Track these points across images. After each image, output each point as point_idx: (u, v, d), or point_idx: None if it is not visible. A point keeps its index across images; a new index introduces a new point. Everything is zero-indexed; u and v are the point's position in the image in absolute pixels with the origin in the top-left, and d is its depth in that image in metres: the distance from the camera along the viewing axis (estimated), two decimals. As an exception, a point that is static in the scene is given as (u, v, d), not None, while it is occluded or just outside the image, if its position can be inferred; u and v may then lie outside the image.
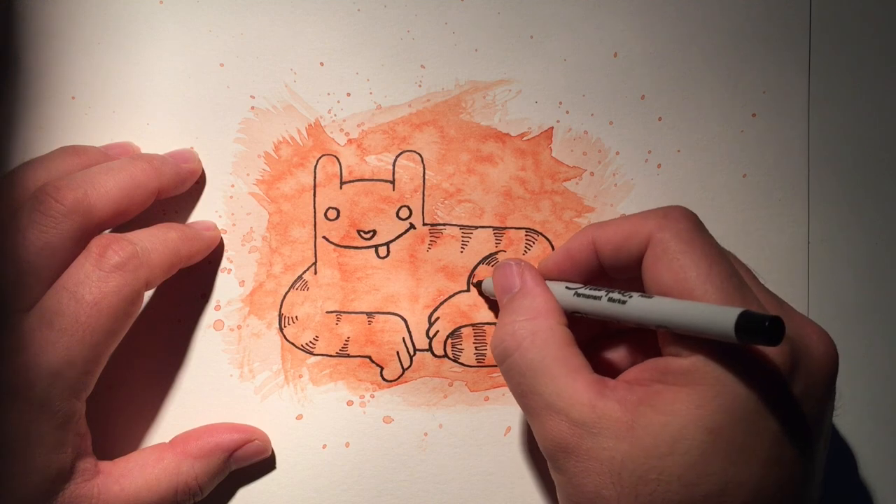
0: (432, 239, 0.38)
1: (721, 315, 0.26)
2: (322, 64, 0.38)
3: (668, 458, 0.28)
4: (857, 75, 0.39)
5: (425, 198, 0.38)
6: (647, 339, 0.34)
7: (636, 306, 0.30)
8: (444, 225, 0.38)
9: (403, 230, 0.38)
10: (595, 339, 0.35)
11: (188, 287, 0.38)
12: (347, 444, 0.38)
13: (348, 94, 0.38)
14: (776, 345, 0.26)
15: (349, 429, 0.38)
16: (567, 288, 0.33)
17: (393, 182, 0.38)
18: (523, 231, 0.38)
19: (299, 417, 0.38)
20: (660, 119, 0.38)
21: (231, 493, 0.37)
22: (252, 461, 0.37)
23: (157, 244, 0.34)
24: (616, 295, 0.30)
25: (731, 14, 0.38)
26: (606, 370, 0.33)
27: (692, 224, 0.31)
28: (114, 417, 0.37)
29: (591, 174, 0.38)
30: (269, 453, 0.37)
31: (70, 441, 0.32)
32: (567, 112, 0.38)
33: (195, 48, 0.38)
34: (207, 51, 0.38)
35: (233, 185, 0.38)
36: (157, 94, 0.38)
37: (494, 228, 0.38)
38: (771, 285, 0.38)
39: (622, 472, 0.28)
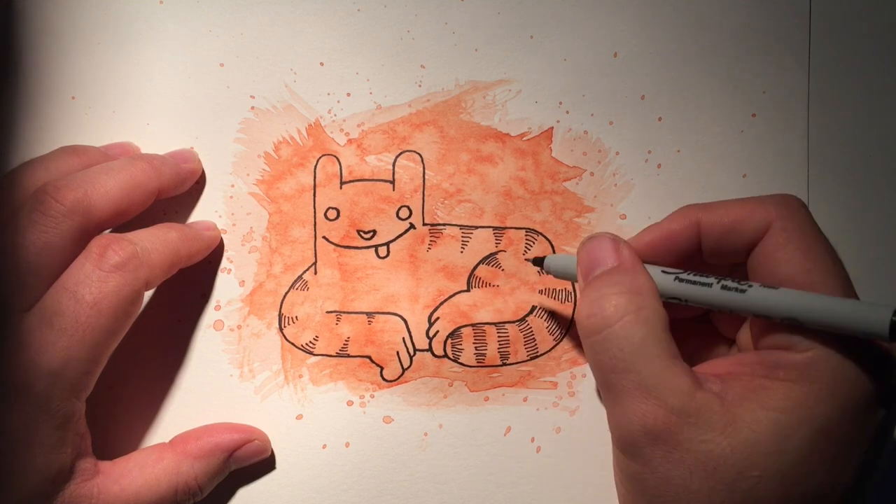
0: (432, 239, 0.38)
1: (874, 313, 0.26)
2: (322, 64, 0.38)
3: (774, 455, 0.27)
4: (857, 75, 0.39)
5: (425, 198, 0.38)
6: (712, 332, 0.34)
7: (759, 296, 0.28)
8: (444, 225, 0.38)
9: (403, 230, 0.38)
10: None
11: (188, 287, 0.38)
12: (347, 444, 0.38)
13: (348, 94, 0.38)
14: None
15: (349, 429, 0.38)
16: (664, 272, 0.31)
17: (393, 182, 0.38)
18: (523, 231, 0.38)
19: (299, 417, 0.38)
20: (660, 119, 0.38)
21: (231, 493, 0.37)
22: (252, 461, 0.37)
23: (157, 244, 0.34)
24: (731, 283, 0.29)
25: (730, 14, 0.38)
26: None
27: (811, 219, 0.30)
28: (114, 417, 0.37)
29: (591, 174, 0.38)
30: (269, 453, 0.37)
31: (70, 441, 0.32)
32: (567, 112, 0.38)
33: (195, 48, 0.38)
34: (207, 51, 0.38)
35: (233, 185, 0.38)
36: (157, 94, 0.38)
37: (494, 228, 0.38)
38: (771, 285, 0.38)
39: (719, 466, 0.27)
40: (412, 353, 0.38)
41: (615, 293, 0.30)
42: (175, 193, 0.37)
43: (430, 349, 0.38)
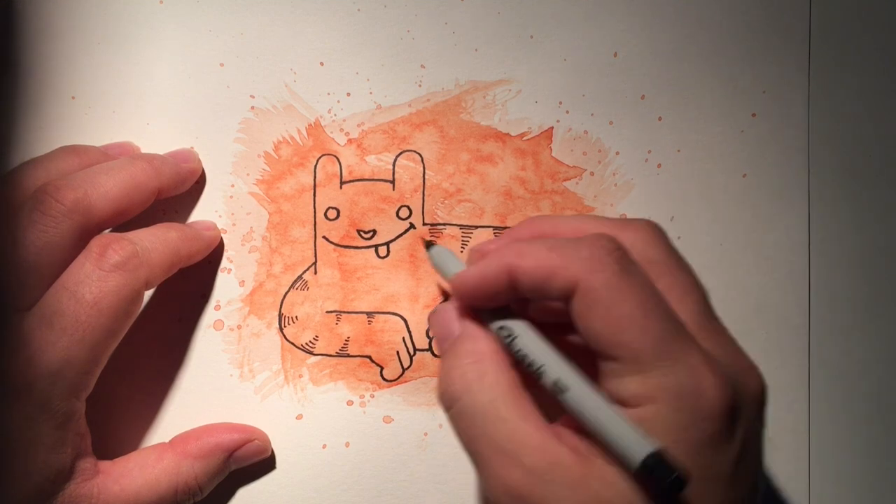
0: (432, 239, 0.38)
1: (632, 444, 0.26)
2: (322, 64, 0.38)
3: None
4: (857, 75, 0.39)
5: (425, 197, 0.38)
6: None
7: (576, 398, 0.29)
8: (444, 225, 0.38)
9: (403, 230, 0.38)
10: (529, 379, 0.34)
11: (188, 287, 0.38)
12: (347, 444, 0.38)
13: (348, 94, 0.38)
14: (670, 501, 0.26)
15: (349, 429, 0.38)
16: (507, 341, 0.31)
17: (393, 182, 0.38)
18: (523, 231, 0.38)
19: (299, 417, 0.38)
20: (660, 119, 0.38)
21: (231, 493, 0.37)
22: (252, 461, 0.37)
23: (157, 244, 0.34)
24: (560, 381, 0.29)
25: (730, 14, 0.38)
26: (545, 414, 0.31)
27: (621, 267, 0.29)
28: (114, 417, 0.37)
29: (591, 174, 0.38)
30: (269, 453, 0.37)
31: (70, 441, 0.32)
32: (567, 112, 0.38)
33: (195, 48, 0.38)
34: (207, 51, 0.38)
35: (233, 185, 0.38)
36: (157, 94, 0.38)
37: (494, 228, 0.38)
38: (771, 285, 0.38)
39: None
40: (412, 352, 0.38)
41: (462, 364, 0.30)
42: (175, 193, 0.37)
43: (430, 349, 0.38)
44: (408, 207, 0.38)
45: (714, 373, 0.27)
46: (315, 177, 0.38)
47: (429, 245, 0.35)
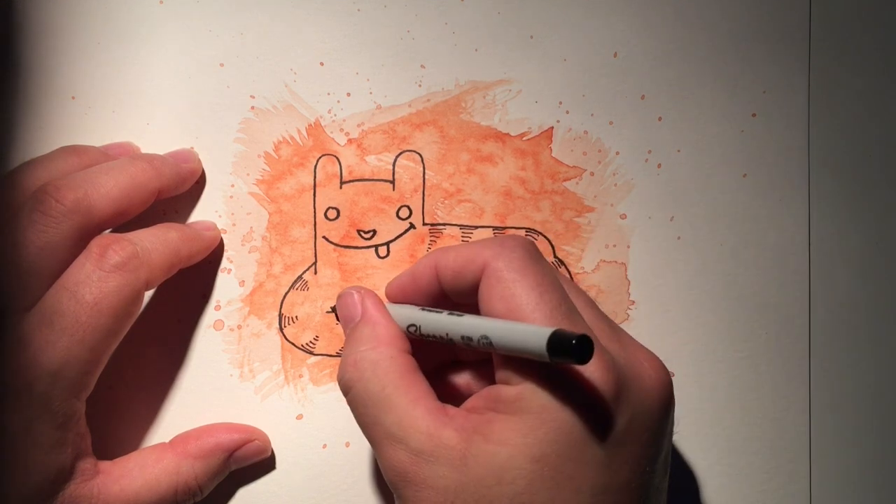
0: (432, 239, 0.38)
1: (536, 333, 0.27)
2: (322, 64, 0.38)
3: (496, 487, 0.28)
4: (857, 75, 0.39)
5: (425, 198, 0.38)
6: (490, 368, 0.34)
7: (467, 321, 0.30)
8: (444, 225, 0.38)
9: (403, 230, 0.38)
10: (442, 366, 0.35)
11: (188, 287, 0.38)
12: (347, 444, 0.38)
13: (348, 94, 0.38)
14: (584, 363, 0.26)
15: (349, 429, 0.38)
16: (414, 305, 0.33)
17: (393, 182, 0.38)
18: (523, 231, 0.38)
19: (299, 417, 0.38)
20: (660, 119, 0.38)
21: (231, 493, 0.37)
22: (252, 461, 0.37)
23: (157, 244, 0.34)
24: (455, 312, 0.31)
25: (731, 14, 0.38)
26: (453, 398, 0.32)
27: (525, 253, 0.31)
28: (114, 417, 0.37)
29: (591, 174, 0.38)
30: (269, 453, 0.37)
31: (70, 441, 0.32)
32: (567, 112, 0.38)
33: (195, 48, 0.38)
34: (207, 51, 0.38)
35: (233, 185, 0.38)
36: (157, 94, 0.38)
37: (494, 228, 0.38)
38: (771, 285, 0.38)
39: (455, 501, 0.28)
40: (412, 352, 0.38)
41: (357, 351, 0.32)
42: (175, 193, 0.37)
43: (430, 349, 0.38)
44: (408, 207, 0.38)
45: (600, 355, 0.28)
46: (315, 177, 0.38)
47: (333, 308, 0.37)
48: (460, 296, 0.32)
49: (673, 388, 0.31)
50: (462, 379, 0.35)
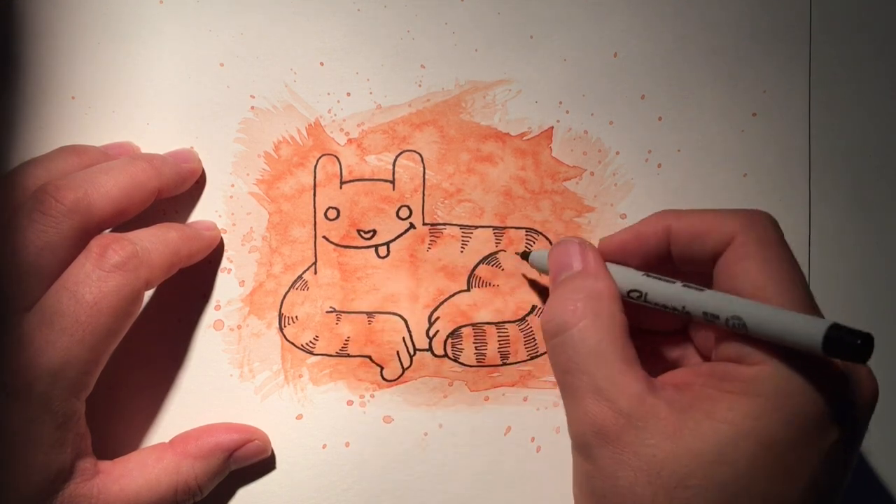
0: (432, 239, 0.38)
1: (810, 325, 0.26)
2: (322, 64, 0.38)
3: (715, 465, 0.27)
4: (857, 75, 0.39)
5: (425, 197, 0.38)
6: (678, 339, 0.34)
7: (714, 297, 0.29)
8: (444, 225, 0.38)
9: (403, 230, 0.38)
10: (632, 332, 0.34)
11: (188, 287, 0.38)
12: (347, 444, 0.38)
13: (348, 94, 0.38)
14: (864, 361, 0.25)
15: (349, 429, 0.38)
16: (634, 270, 0.32)
17: (393, 182, 0.38)
18: (523, 231, 0.38)
19: (299, 417, 0.38)
20: (660, 119, 0.38)
21: (231, 493, 0.37)
22: (252, 461, 0.37)
23: (157, 244, 0.34)
24: (691, 284, 0.30)
25: (731, 14, 0.38)
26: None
27: (777, 233, 0.30)
28: (114, 417, 0.37)
29: (591, 174, 0.38)
30: (269, 453, 0.37)
31: (70, 441, 0.32)
32: (567, 112, 0.38)
33: (195, 48, 0.38)
34: (207, 51, 0.38)
35: (233, 185, 0.38)
36: (157, 94, 0.38)
37: (494, 228, 0.38)
38: (771, 285, 0.38)
39: (662, 471, 0.27)
40: (412, 352, 0.38)
41: (575, 298, 0.31)
42: (175, 193, 0.37)
43: (430, 349, 0.38)
44: (408, 207, 0.38)
45: None
46: (315, 177, 0.38)
47: (526, 255, 0.37)
48: (690, 263, 0.32)
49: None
50: (651, 348, 0.34)
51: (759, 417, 0.27)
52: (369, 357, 0.38)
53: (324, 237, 0.38)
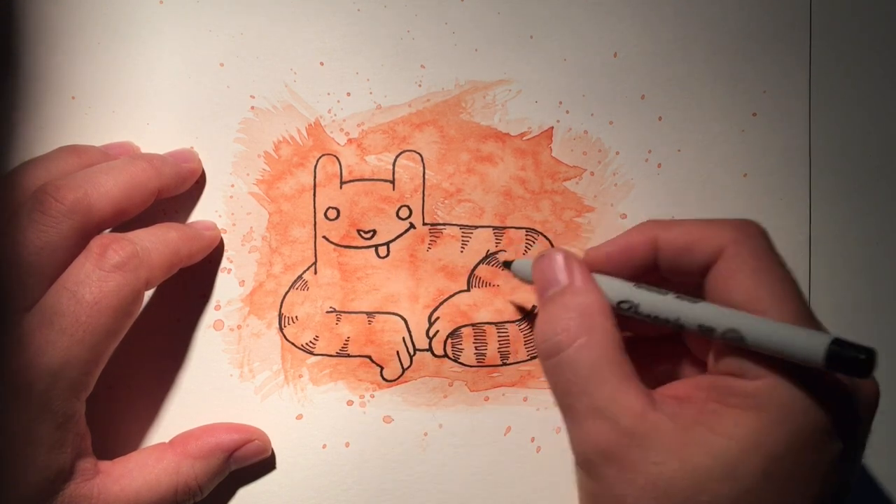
0: (432, 239, 0.38)
1: (811, 339, 0.26)
2: (322, 64, 0.38)
3: (723, 482, 0.27)
4: (857, 75, 0.39)
5: (425, 197, 0.38)
6: (671, 346, 0.34)
7: (710, 310, 0.29)
8: (444, 225, 0.38)
9: (403, 230, 0.38)
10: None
11: (188, 287, 0.38)
12: (347, 444, 0.38)
13: (348, 94, 0.38)
14: (866, 377, 0.25)
15: (349, 429, 0.38)
16: (625, 281, 0.32)
17: (393, 182, 0.38)
18: (523, 231, 0.38)
19: (299, 417, 0.38)
20: (660, 119, 0.38)
21: (231, 493, 0.37)
22: (252, 461, 0.37)
23: (157, 244, 0.34)
24: (684, 295, 0.29)
25: (731, 14, 0.38)
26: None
27: (767, 242, 0.30)
28: (114, 417, 0.37)
29: (592, 174, 0.38)
30: (269, 453, 0.37)
31: (70, 441, 0.32)
32: (567, 112, 0.38)
33: (195, 48, 0.38)
34: (207, 51, 0.38)
35: (233, 185, 0.38)
36: (157, 94, 0.38)
37: (494, 228, 0.38)
38: (771, 285, 0.38)
39: (669, 489, 0.27)
40: (412, 352, 0.38)
41: (566, 317, 0.30)
42: (175, 193, 0.37)
43: (430, 349, 0.38)
44: (408, 207, 0.38)
45: None
46: (315, 177, 0.38)
47: (508, 264, 0.36)
48: (678, 274, 0.31)
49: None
50: (645, 359, 0.33)
51: (764, 432, 0.27)
52: (369, 357, 0.38)
53: (324, 237, 0.38)
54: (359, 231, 0.38)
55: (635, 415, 0.28)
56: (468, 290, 0.38)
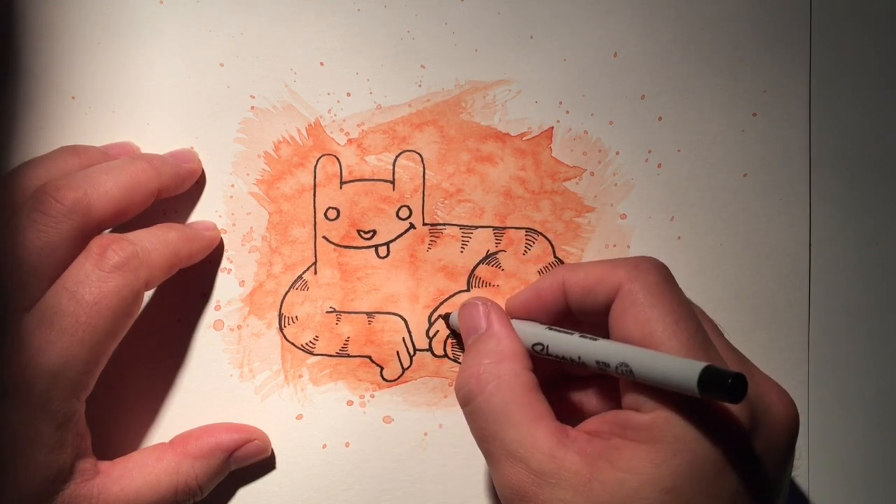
0: (432, 239, 0.38)
1: (685, 368, 0.26)
2: (322, 64, 0.38)
3: None
4: (857, 75, 0.39)
5: (425, 198, 0.38)
6: (604, 385, 0.34)
7: (604, 346, 0.30)
8: (444, 225, 0.38)
9: (403, 230, 0.38)
10: (556, 379, 0.35)
11: (188, 287, 0.38)
12: (347, 444, 0.38)
13: (348, 94, 0.38)
14: (738, 402, 0.26)
15: (349, 429, 0.38)
16: (540, 324, 0.33)
17: (393, 182, 0.38)
18: (523, 231, 0.38)
19: (299, 417, 0.38)
20: (660, 119, 0.38)
21: (231, 493, 0.37)
22: (252, 461, 0.37)
23: (157, 244, 0.34)
24: (587, 335, 0.31)
25: (731, 14, 0.38)
26: (567, 414, 0.32)
27: (661, 277, 0.30)
28: (114, 417, 0.37)
29: (591, 174, 0.38)
30: (269, 453, 0.37)
31: (70, 441, 0.32)
32: (567, 112, 0.38)
33: (195, 48, 0.38)
34: (207, 51, 0.38)
35: (233, 185, 0.38)
36: (157, 94, 0.38)
37: (494, 228, 0.38)
38: (771, 285, 0.38)
39: None
40: (412, 352, 0.38)
41: (480, 363, 0.31)
42: (175, 193, 0.37)
43: (430, 349, 0.38)
44: (408, 207, 0.38)
45: None
46: (315, 177, 0.38)
47: (446, 317, 0.37)
48: (587, 315, 0.32)
49: (799, 423, 0.30)
50: (575, 395, 0.35)
51: (659, 465, 0.27)
52: (369, 357, 0.38)
53: (324, 237, 0.38)
54: (359, 231, 0.38)
55: (544, 455, 0.29)
56: (468, 290, 0.38)
